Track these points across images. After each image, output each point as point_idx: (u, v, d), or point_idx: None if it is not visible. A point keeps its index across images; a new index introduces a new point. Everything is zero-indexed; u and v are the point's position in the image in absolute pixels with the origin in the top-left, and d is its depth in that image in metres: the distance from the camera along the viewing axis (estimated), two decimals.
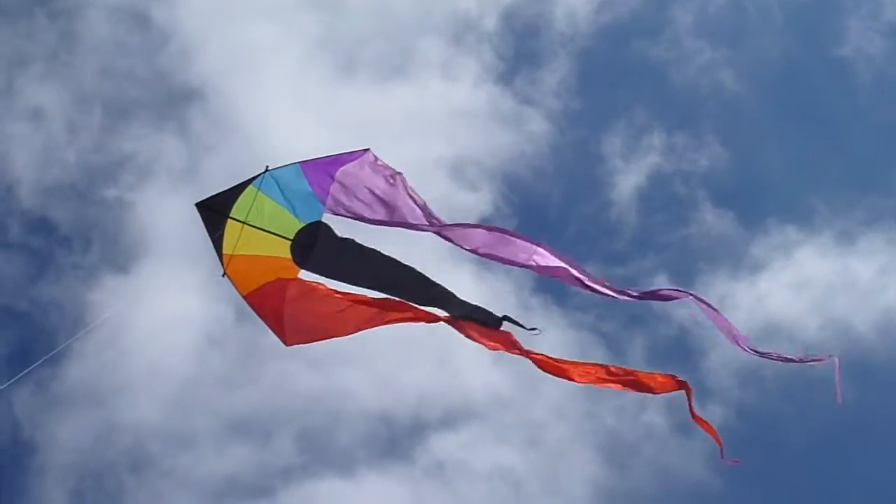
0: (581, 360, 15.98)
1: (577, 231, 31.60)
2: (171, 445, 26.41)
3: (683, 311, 29.45)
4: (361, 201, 15.53)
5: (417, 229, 15.53)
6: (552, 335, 28.90)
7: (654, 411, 28.15)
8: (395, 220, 15.48)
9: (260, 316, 15.55)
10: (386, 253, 15.85)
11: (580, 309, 29.23)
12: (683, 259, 30.92)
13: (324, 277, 15.88)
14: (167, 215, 29.35)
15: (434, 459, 25.55)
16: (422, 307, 15.96)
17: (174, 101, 30.96)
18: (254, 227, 15.42)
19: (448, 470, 25.70)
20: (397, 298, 15.87)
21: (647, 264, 30.58)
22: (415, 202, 15.64)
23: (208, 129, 30.39)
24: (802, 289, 29.90)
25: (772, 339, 28.96)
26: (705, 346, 29.00)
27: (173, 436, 26.45)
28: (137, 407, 26.79)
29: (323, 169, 15.57)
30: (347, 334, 15.79)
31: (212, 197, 15.54)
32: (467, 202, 30.61)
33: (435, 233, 15.55)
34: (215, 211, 15.41)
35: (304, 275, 15.72)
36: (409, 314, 15.84)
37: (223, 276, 15.38)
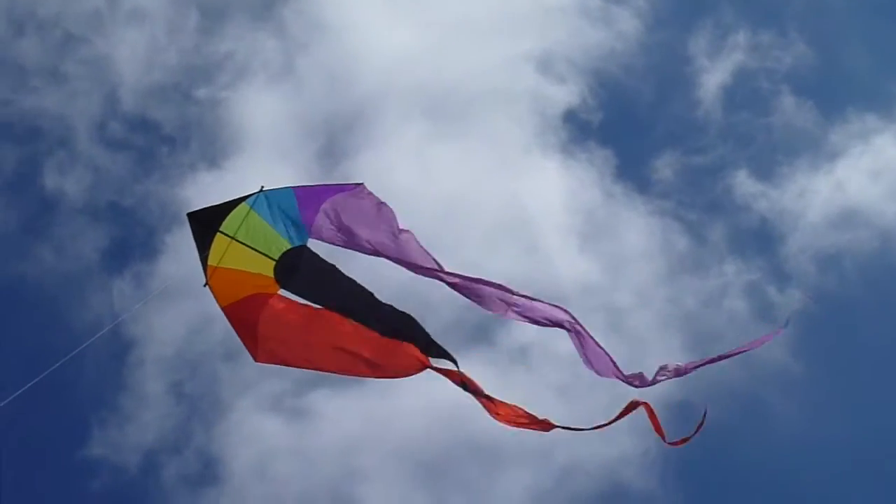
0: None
1: (662, 126, 31.86)
2: None
3: (764, 201, 30.01)
4: (346, 230, 15.59)
5: (399, 263, 15.62)
6: (635, 222, 29.62)
7: (736, 297, 28.55)
8: (377, 250, 15.56)
9: (235, 328, 15.64)
10: (362, 284, 15.77)
11: (662, 196, 29.59)
12: (764, 150, 31.08)
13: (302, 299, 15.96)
14: (262, 113, 29.98)
15: (517, 344, 26.02)
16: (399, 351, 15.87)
17: (266, 2, 31.38)
18: (241, 243, 15.70)
19: (531, 354, 26.18)
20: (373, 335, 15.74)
21: (729, 157, 30.76)
22: (398, 237, 15.69)
23: (302, 28, 30.81)
24: (880, 175, 29.97)
25: (849, 224, 29.22)
26: (785, 231, 29.36)
27: None
28: None
29: (315, 195, 15.82)
30: (317, 369, 15.91)
31: (204, 209, 15.77)
32: (555, 94, 30.87)
33: (415, 269, 15.65)
34: (206, 223, 15.66)
35: (284, 293, 15.80)
36: (388, 370, 15.88)
37: (205, 285, 15.54)
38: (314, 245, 15.76)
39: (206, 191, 28.48)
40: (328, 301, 15.73)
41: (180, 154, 29.59)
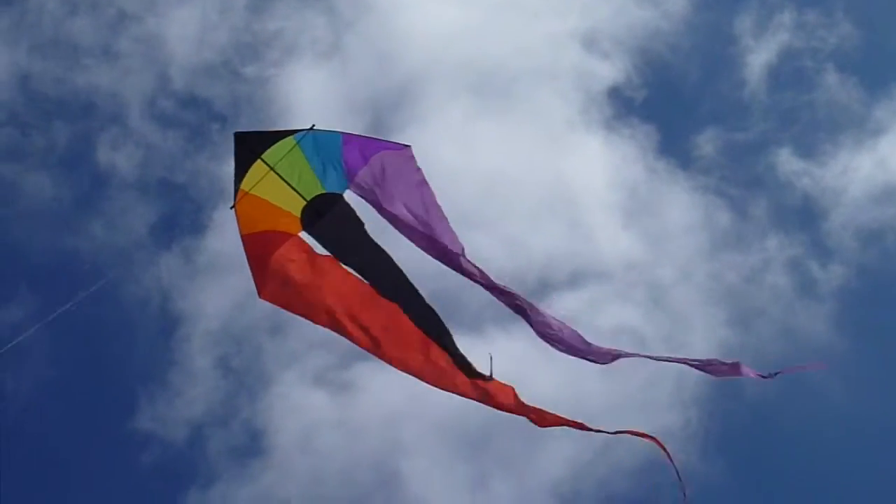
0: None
1: (706, 104, 31.97)
2: None
3: (807, 178, 30.02)
4: (383, 191, 15.48)
5: (420, 241, 15.48)
6: (678, 198, 29.72)
7: (778, 272, 28.62)
8: (405, 222, 15.44)
9: (248, 259, 15.57)
10: (388, 252, 15.70)
11: (704, 172, 29.68)
12: (808, 128, 31.10)
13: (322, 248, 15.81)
14: (310, 90, 30.23)
15: (557, 317, 26.15)
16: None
17: None
18: (278, 175, 15.57)
19: (572, 327, 26.33)
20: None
21: (772, 134, 30.82)
22: (433, 213, 15.49)
23: (350, 6, 31.05)
24: None
25: (892, 200, 29.20)
26: (827, 207, 29.37)
27: None
28: None
29: (362, 146, 15.63)
30: (317, 323, 15.66)
31: (252, 133, 15.80)
32: (599, 71, 30.99)
33: (438, 255, 15.47)
34: (250, 147, 15.61)
35: (305, 237, 15.67)
36: (388, 352, 15.67)
37: (231, 208, 15.51)
38: (349, 197, 15.68)
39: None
40: (345, 256, 15.70)
41: (229, 131, 29.89)
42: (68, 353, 28.05)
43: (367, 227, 15.70)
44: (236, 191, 15.57)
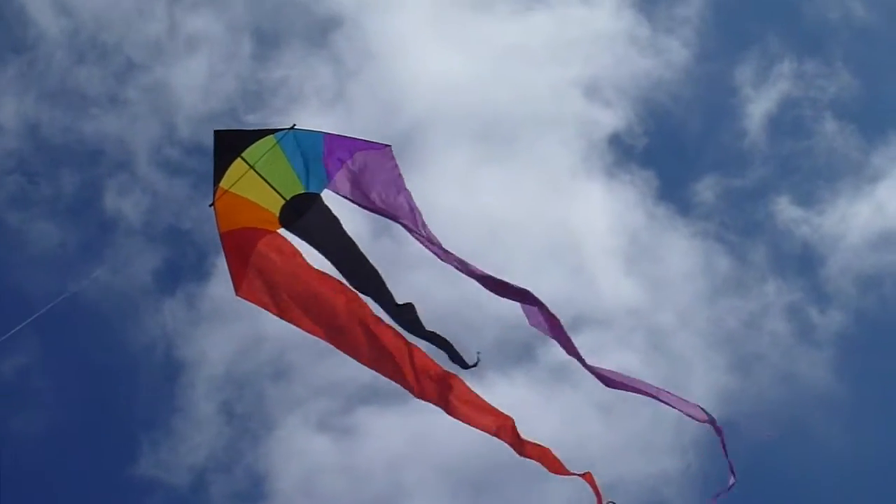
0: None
1: (705, 151, 32.31)
2: (312, 355, 27.43)
3: (806, 227, 30.26)
4: (365, 188, 15.47)
5: (408, 230, 15.52)
6: (678, 245, 29.97)
7: (777, 318, 28.81)
8: (389, 213, 15.46)
9: (226, 256, 15.52)
10: (362, 250, 15.83)
11: (703, 218, 29.97)
12: (807, 176, 31.43)
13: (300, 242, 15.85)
14: None
15: (559, 362, 26.32)
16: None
17: (319, 29, 31.90)
18: (258, 173, 15.54)
19: (574, 372, 26.49)
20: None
21: (771, 182, 31.16)
22: (413, 210, 15.59)
23: (354, 55, 31.37)
24: None
25: (890, 245, 29.44)
26: (825, 253, 29.61)
27: (313, 346, 27.35)
28: (280, 320, 27.89)
29: (342, 146, 15.65)
30: (293, 324, 15.78)
31: (232, 131, 15.75)
32: (601, 118, 31.34)
33: (424, 241, 15.55)
34: (229, 145, 15.56)
35: (283, 233, 15.66)
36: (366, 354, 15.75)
37: (210, 206, 15.39)
38: (328, 197, 15.67)
39: None
40: (325, 255, 15.67)
41: None
42: (73, 398, 28.27)
43: (345, 227, 15.64)
44: (215, 188, 15.50)
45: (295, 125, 15.56)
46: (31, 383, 27.86)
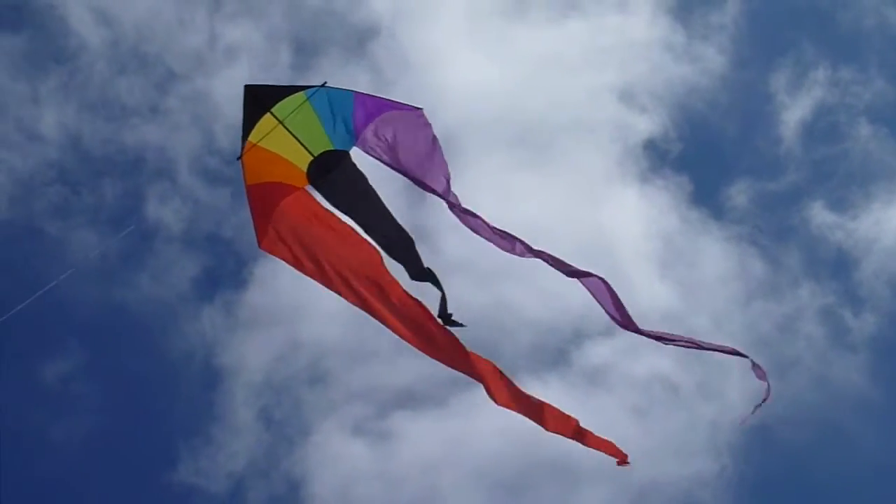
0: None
1: (740, 157, 32.41)
2: (348, 360, 27.65)
3: (839, 231, 30.30)
4: (393, 149, 15.45)
5: (433, 192, 15.37)
6: (712, 249, 30.11)
7: (811, 321, 28.87)
8: (416, 176, 15.39)
9: (251, 209, 15.49)
10: (390, 209, 15.67)
11: (737, 222, 30.08)
12: (841, 182, 31.46)
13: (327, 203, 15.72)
14: None
15: (594, 366, 26.57)
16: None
17: (356, 38, 32.15)
18: (287, 129, 15.43)
19: (608, 376, 26.72)
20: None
21: (806, 188, 31.22)
22: (443, 171, 15.45)
23: (391, 64, 31.59)
24: None
25: None
26: (859, 256, 29.65)
27: (349, 351, 27.66)
28: (316, 326, 28.16)
29: (372, 106, 15.50)
30: (313, 278, 15.68)
31: (263, 86, 15.64)
32: (636, 123, 31.49)
33: (449, 204, 15.37)
34: (260, 100, 15.44)
35: (310, 190, 15.60)
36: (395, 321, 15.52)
37: (238, 159, 15.40)
38: (357, 155, 15.62)
39: None
40: (349, 212, 15.57)
41: None
42: (113, 405, 28.61)
43: (371, 185, 15.61)
44: (244, 142, 15.48)
45: (326, 83, 15.51)
46: (72, 390, 28.17)
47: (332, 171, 15.67)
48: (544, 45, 32.54)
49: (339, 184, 15.68)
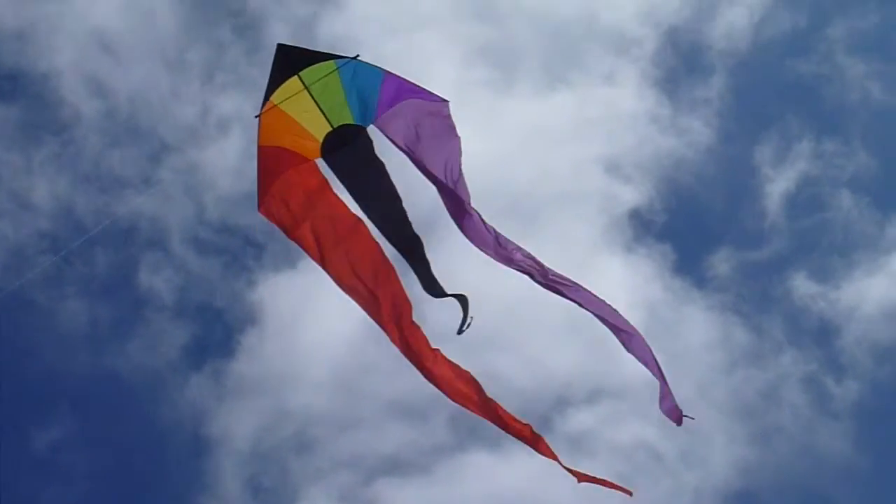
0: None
1: (724, 228, 32.81)
2: (334, 428, 27.99)
3: (822, 301, 30.58)
4: (413, 136, 15.31)
5: (441, 185, 15.33)
6: (696, 317, 30.35)
7: (795, 389, 29.10)
8: (429, 170, 15.30)
9: (259, 170, 15.29)
10: (401, 195, 15.57)
11: (720, 290, 30.42)
12: (823, 251, 31.82)
13: (335, 177, 15.51)
14: None
15: (576, 432, 26.77)
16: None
17: None
18: (311, 95, 15.16)
19: (591, 442, 26.91)
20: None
21: (788, 258, 31.59)
22: (456, 169, 15.38)
23: (378, 135, 31.84)
24: None
25: None
26: (841, 324, 29.93)
27: (336, 419, 28.04)
28: (303, 394, 28.46)
29: (400, 88, 15.28)
30: (306, 251, 15.47)
31: (296, 48, 15.39)
32: (622, 194, 31.89)
33: (452, 211, 15.43)
34: (290, 61, 15.20)
35: (321, 164, 15.44)
36: (386, 319, 15.42)
37: (256, 117, 15.16)
38: (375, 134, 15.46)
39: (281, 293, 29.72)
40: (356, 190, 15.45)
41: (265, 259, 30.97)
42: (102, 473, 28.85)
43: (385, 166, 15.59)
44: (265, 100, 15.33)
45: (358, 55, 15.35)
46: (62, 458, 28.43)
47: (347, 145, 15.50)
48: (532, 116, 33.11)
49: (353, 159, 15.52)
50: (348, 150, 15.53)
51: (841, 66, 33.13)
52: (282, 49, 15.38)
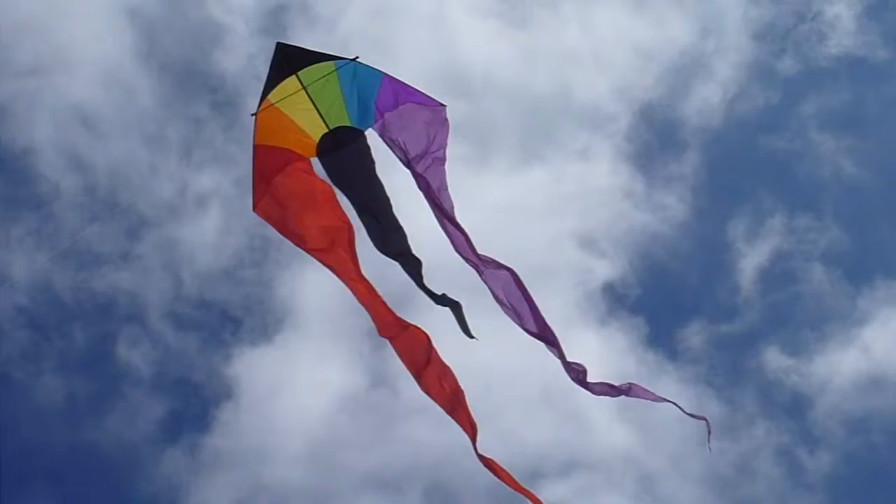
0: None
1: (698, 302, 33.08)
2: (310, 502, 28.21)
3: (794, 374, 30.78)
4: (405, 140, 15.27)
5: (431, 195, 15.44)
6: (669, 389, 30.44)
7: (768, 461, 29.26)
8: (420, 175, 15.32)
9: (254, 169, 15.18)
10: (392, 202, 15.64)
11: (693, 363, 30.69)
12: (796, 325, 32.09)
13: (328, 179, 15.46)
14: (317, 291, 31.36)
15: (557, 497, 26.84)
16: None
17: None
18: (309, 96, 15.05)
19: None
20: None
21: (760, 332, 31.86)
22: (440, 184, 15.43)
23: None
24: None
25: (877, 388, 29.99)
26: (812, 396, 30.17)
27: (312, 493, 28.21)
28: (279, 468, 28.58)
29: (399, 92, 15.25)
30: (303, 248, 15.48)
31: (296, 47, 15.27)
32: (596, 268, 32.17)
33: (443, 223, 15.60)
34: (289, 61, 15.05)
35: (316, 164, 15.41)
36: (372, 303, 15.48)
37: (252, 115, 14.97)
38: (372, 137, 15.45)
39: (257, 367, 29.90)
40: (348, 195, 15.46)
41: (242, 333, 31.17)
42: None
43: (377, 173, 15.66)
44: (262, 100, 15.24)
45: (358, 57, 15.33)
46: None
47: (342, 148, 15.46)
48: (507, 192, 33.60)
49: (346, 162, 15.47)
50: (343, 152, 15.48)
51: (813, 141, 33.74)
52: (281, 48, 15.28)
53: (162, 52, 32.87)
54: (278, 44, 15.26)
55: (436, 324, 16.45)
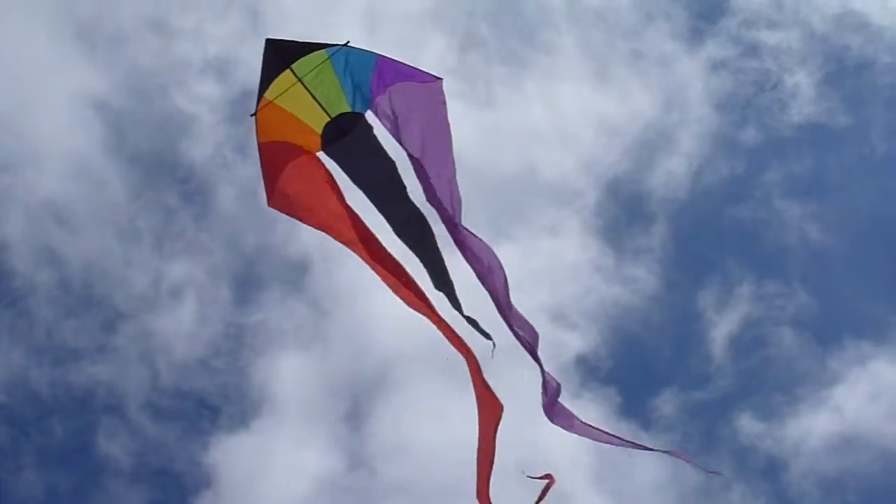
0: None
1: (670, 373, 33.48)
2: None
3: (768, 439, 31.12)
4: (402, 118, 15.33)
5: (426, 178, 15.44)
6: (644, 458, 30.71)
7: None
8: (417, 156, 15.32)
9: (262, 166, 15.30)
10: (403, 180, 15.68)
11: (667, 430, 31.03)
12: (767, 390, 32.49)
13: (338, 168, 15.55)
14: (292, 377, 31.73)
15: None
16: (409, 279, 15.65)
17: (291, 272, 33.17)
18: (306, 88, 15.22)
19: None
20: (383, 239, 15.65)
21: (733, 399, 32.23)
22: (448, 152, 15.34)
23: (327, 295, 32.54)
24: (877, 398, 31.31)
25: (850, 447, 30.35)
26: (786, 459, 30.52)
27: None
28: None
29: (392, 71, 15.34)
30: (325, 232, 15.45)
31: (284, 41, 15.08)
32: (568, 341, 32.55)
33: (429, 196, 15.53)
34: (281, 55, 15.11)
35: (322, 156, 15.55)
36: (398, 280, 15.41)
37: (252, 115, 15.11)
38: (372, 119, 15.52)
39: (235, 454, 30.12)
40: (359, 180, 15.58)
41: (220, 421, 31.43)
42: None
43: (387, 151, 15.74)
44: (259, 98, 15.29)
45: (349, 42, 15.23)
46: None
47: (347, 134, 15.57)
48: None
49: (354, 148, 15.65)
50: (348, 139, 15.61)
51: (778, 209, 34.37)
52: (270, 44, 15.23)
53: (130, 143, 33.47)
54: (267, 40, 15.24)
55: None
